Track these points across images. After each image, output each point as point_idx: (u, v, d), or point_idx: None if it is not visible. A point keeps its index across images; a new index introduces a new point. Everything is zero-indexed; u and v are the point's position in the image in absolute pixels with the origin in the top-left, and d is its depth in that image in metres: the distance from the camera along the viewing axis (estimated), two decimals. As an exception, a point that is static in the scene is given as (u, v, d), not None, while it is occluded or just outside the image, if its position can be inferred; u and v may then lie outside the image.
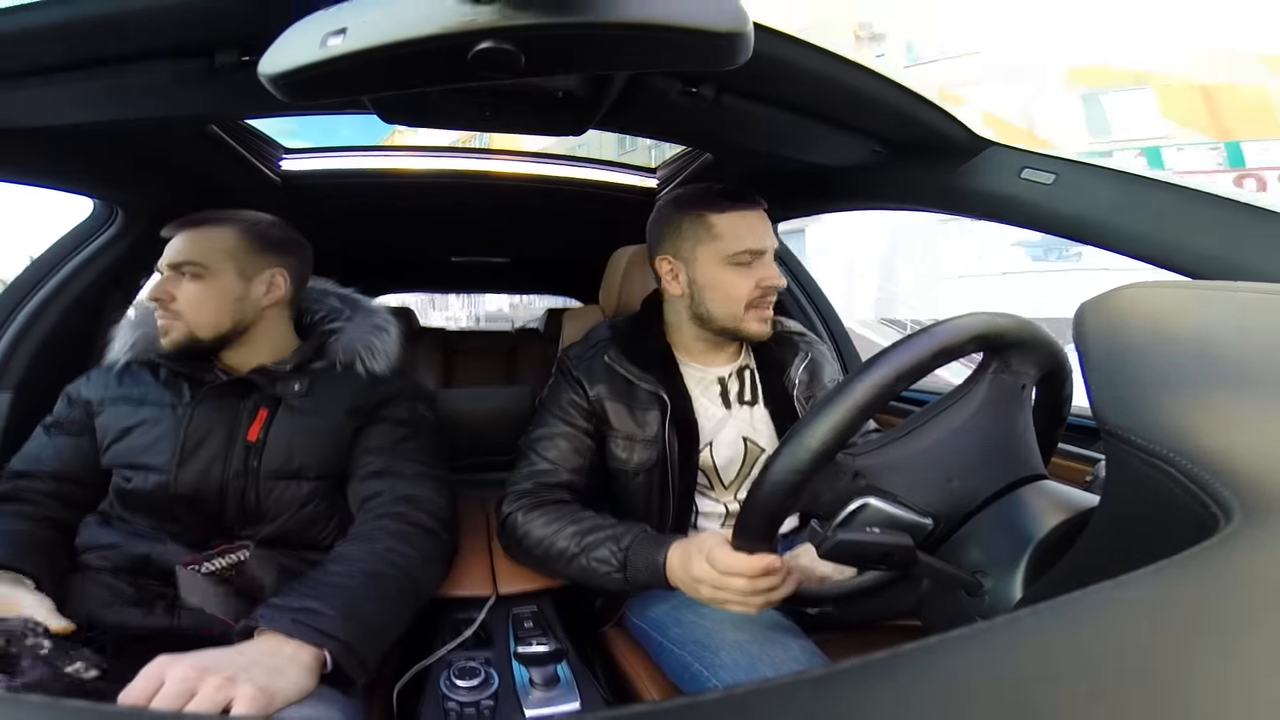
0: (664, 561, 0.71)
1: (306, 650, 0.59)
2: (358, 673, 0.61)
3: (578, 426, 0.91)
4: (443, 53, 0.40)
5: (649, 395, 0.90)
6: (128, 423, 0.82)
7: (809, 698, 0.14)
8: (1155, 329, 0.33)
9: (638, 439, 0.89)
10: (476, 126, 0.83)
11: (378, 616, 0.67)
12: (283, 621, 0.60)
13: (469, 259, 1.93)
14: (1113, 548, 0.35)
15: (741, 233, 0.88)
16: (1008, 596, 0.46)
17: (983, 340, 0.51)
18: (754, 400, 0.95)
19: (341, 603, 0.64)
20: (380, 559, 0.72)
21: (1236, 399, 0.27)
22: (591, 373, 0.92)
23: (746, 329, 0.90)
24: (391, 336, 0.97)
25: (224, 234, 0.87)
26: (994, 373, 0.54)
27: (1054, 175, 0.75)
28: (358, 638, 0.62)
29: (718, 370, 0.95)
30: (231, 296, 0.85)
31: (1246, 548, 0.19)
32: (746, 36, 0.42)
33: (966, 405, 0.54)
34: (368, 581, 0.69)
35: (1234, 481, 0.23)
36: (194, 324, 0.83)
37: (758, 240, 0.88)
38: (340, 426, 0.85)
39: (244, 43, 0.58)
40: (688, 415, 0.89)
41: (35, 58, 0.59)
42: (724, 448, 0.91)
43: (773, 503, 0.51)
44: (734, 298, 0.89)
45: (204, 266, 0.84)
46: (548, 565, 0.83)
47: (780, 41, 0.64)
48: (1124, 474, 0.30)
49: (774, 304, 0.92)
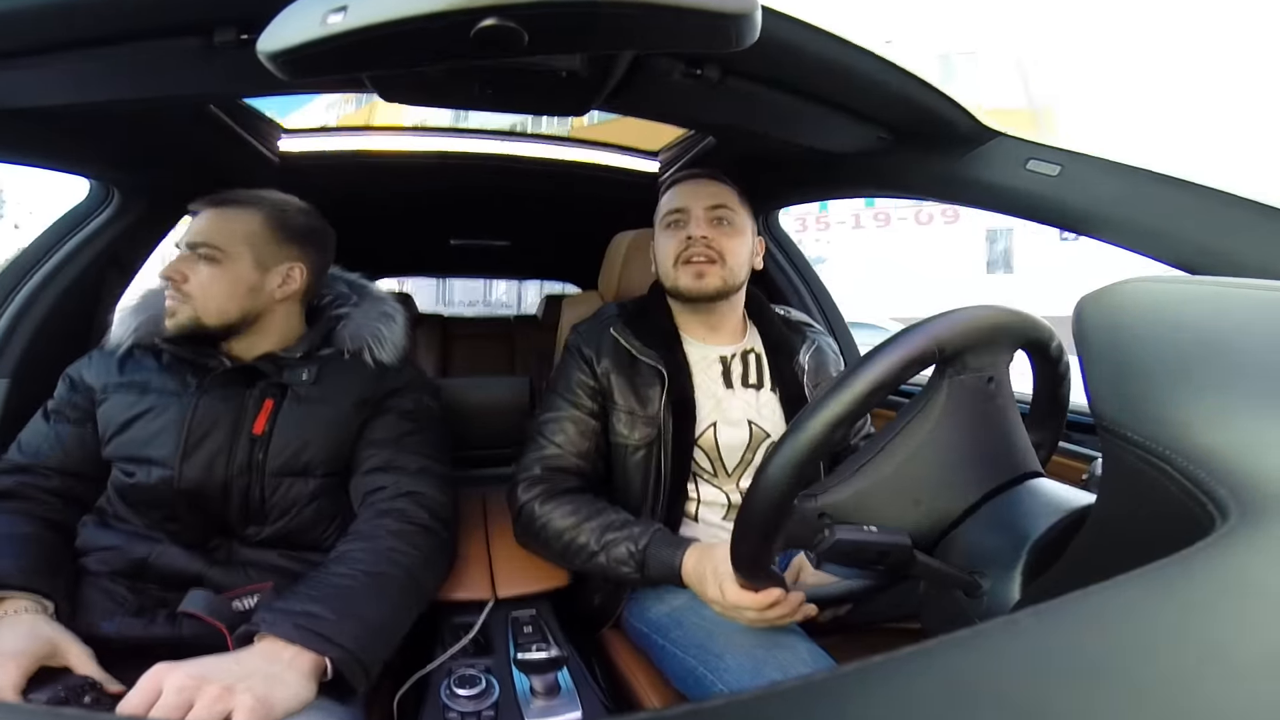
0: (679, 565, 0.76)
1: (306, 656, 0.58)
2: (359, 680, 0.60)
3: (584, 408, 0.92)
4: (444, 31, 0.39)
5: (650, 370, 0.91)
6: (131, 413, 0.79)
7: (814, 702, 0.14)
8: (1155, 325, 0.33)
9: (639, 415, 0.90)
10: (478, 105, 0.82)
11: (380, 618, 0.66)
12: (284, 626, 0.59)
13: (468, 242, 1.92)
14: (1110, 547, 0.35)
15: (672, 198, 0.97)
16: (1006, 597, 0.46)
17: (920, 361, 0.49)
18: (759, 384, 0.95)
19: (344, 606, 0.63)
20: (383, 558, 0.71)
21: (1235, 397, 0.27)
22: (599, 346, 0.94)
23: (679, 285, 0.93)
24: (399, 325, 0.95)
25: (247, 218, 0.84)
26: (949, 379, 0.51)
27: (1059, 167, 0.74)
28: (360, 643, 0.61)
29: (719, 349, 0.96)
30: (245, 285, 0.82)
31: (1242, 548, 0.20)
32: (754, 18, 0.41)
33: (924, 421, 0.52)
34: (370, 583, 0.68)
35: (1231, 481, 0.23)
36: (201, 309, 0.80)
37: (682, 200, 0.95)
38: (348, 418, 0.84)
39: (243, 20, 0.57)
40: (686, 392, 0.90)
41: (32, 37, 0.58)
42: (728, 429, 0.91)
43: (764, 524, 0.51)
44: (666, 256, 0.95)
45: (220, 250, 0.81)
46: (566, 558, 0.84)
47: (787, 24, 0.63)
48: (1121, 471, 0.30)
49: (711, 260, 0.91)
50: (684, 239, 0.92)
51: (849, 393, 0.47)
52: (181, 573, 0.74)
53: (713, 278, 0.92)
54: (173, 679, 0.51)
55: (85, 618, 0.69)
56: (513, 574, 0.90)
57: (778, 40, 0.64)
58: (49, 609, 0.65)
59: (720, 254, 0.92)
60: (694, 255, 0.91)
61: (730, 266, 0.92)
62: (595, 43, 0.48)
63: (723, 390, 0.93)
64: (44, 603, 0.65)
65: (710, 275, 0.92)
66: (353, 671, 0.59)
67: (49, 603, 0.66)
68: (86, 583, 0.73)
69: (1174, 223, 0.66)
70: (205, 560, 0.76)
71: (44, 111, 0.73)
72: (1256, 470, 0.23)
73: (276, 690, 0.54)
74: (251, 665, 0.56)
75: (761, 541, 0.53)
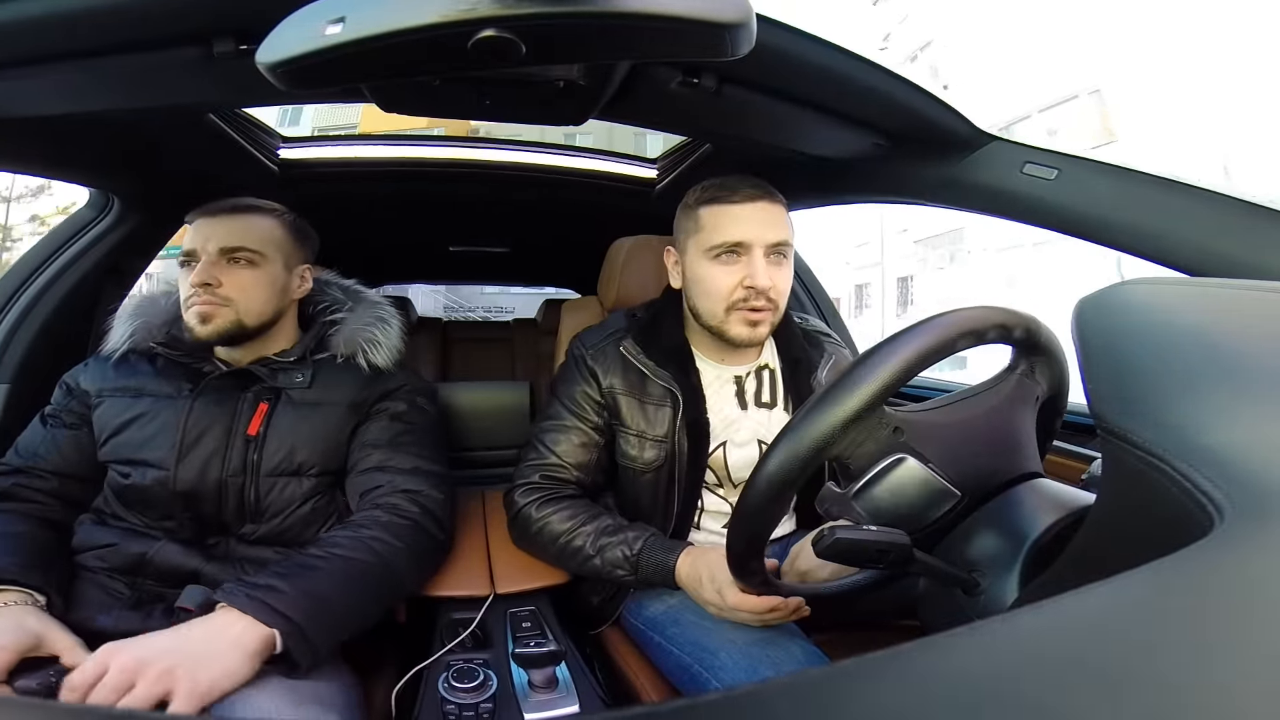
0: (673, 568, 0.76)
1: (254, 632, 0.59)
2: (304, 655, 0.61)
3: (588, 421, 0.89)
4: (443, 41, 0.40)
5: (662, 391, 0.87)
6: (126, 416, 0.81)
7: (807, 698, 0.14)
8: (1154, 326, 0.33)
9: (648, 436, 0.87)
10: (477, 115, 0.82)
11: (341, 601, 0.66)
12: (238, 598, 0.61)
13: (467, 249, 1.92)
14: (1108, 546, 0.35)
15: (724, 224, 0.81)
16: (1004, 596, 0.46)
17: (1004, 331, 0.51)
18: (772, 403, 0.91)
19: (304, 583, 0.64)
20: (361, 545, 0.72)
21: (1234, 398, 0.27)
22: (606, 362, 0.89)
23: (729, 331, 0.83)
24: (393, 329, 0.96)
25: (270, 224, 0.87)
26: (1020, 375, 0.56)
27: (1056, 170, 0.75)
28: (312, 620, 0.62)
29: (735, 369, 0.91)
30: (278, 286, 0.86)
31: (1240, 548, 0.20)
32: (749, 27, 0.41)
33: (996, 396, 0.55)
34: (341, 566, 0.69)
35: (1228, 481, 0.23)
36: (244, 311, 0.82)
37: (742, 232, 0.80)
38: (341, 420, 0.85)
39: (242, 31, 0.57)
40: (699, 415, 0.86)
41: (32, 46, 0.58)
42: (737, 449, 0.89)
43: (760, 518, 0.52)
44: (713, 295, 0.82)
45: (260, 254, 0.84)
46: (562, 561, 0.85)
47: (783, 33, 0.63)
48: (1120, 472, 0.30)
49: (768, 309, 0.82)
50: (743, 285, 0.80)
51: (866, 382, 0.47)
52: (179, 569, 0.75)
53: (765, 326, 0.83)
54: (118, 659, 0.54)
55: (83, 611, 0.70)
56: (512, 570, 0.90)
57: (774, 48, 0.64)
58: (40, 602, 0.66)
59: (777, 301, 0.82)
60: (756, 306, 0.81)
61: (781, 307, 0.84)
62: (593, 53, 0.48)
63: (736, 412, 0.89)
64: (35, 596, 0.66)
65: (764, 325, 0.83)
66: (298, 646, 0.60)
67: (40, 596, 0.67)
68: (84, 578, 0.74)
69: (1173, 225, 0.66)
70: (203, 556, 0.77)
71: (44, 120, 0.73)
72: (1255, 470, 0.23)
73: (214, 669, 0.56)
74: (196, 641, 0.57)
75: (756, 542, 0.54)
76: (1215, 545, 0.20)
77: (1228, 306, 0.34)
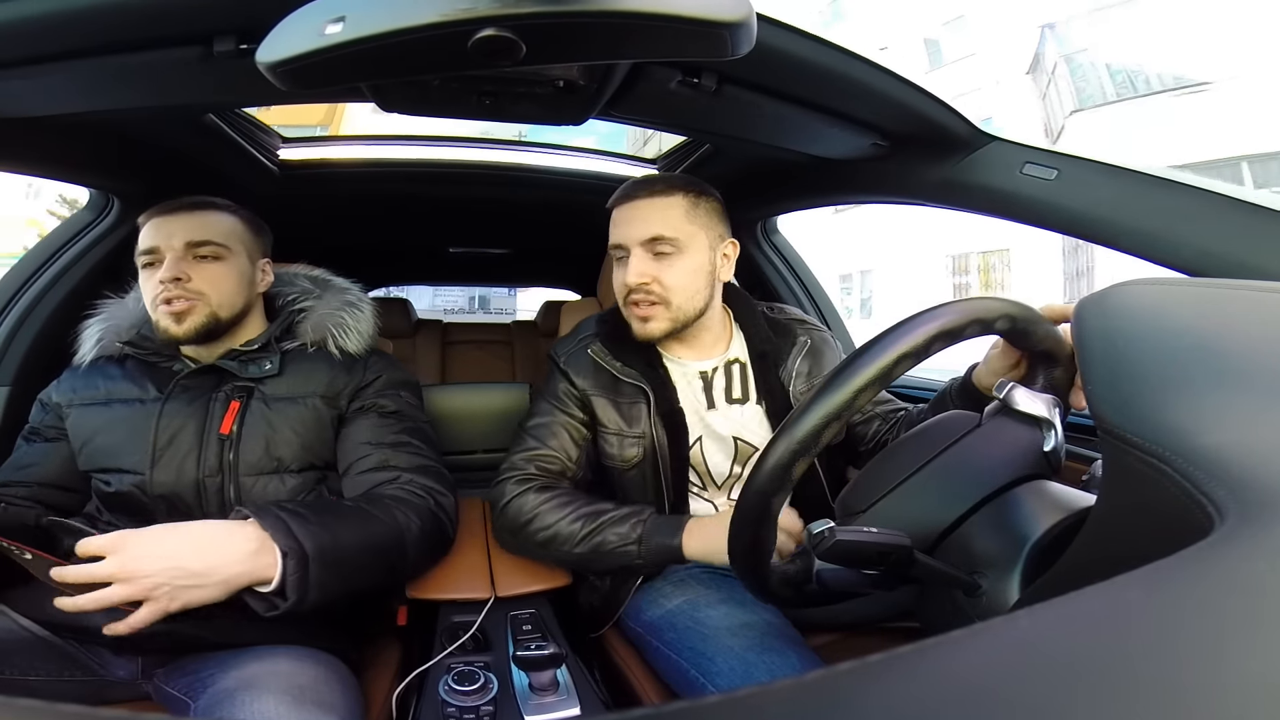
0: (679, 541, 0.77)
1: (264, 557, 0.63)
2: (293, 589, 0.63)
3: (574, 416, 0.91)
4: (443, 40, 0.40)
5: (633, 389, 0.89)
6: (96, 424, 0.81)
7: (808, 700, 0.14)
8: (1154, 326, 0.33)
9: (626, 434, 0.89)
10: (477, 115, 0.82)
11: (350, 547, 0.69)
12: (268, 517, 0.64)
13: (468, 250, 1.92)
14: (1109, 548, 0.35)
15: (612, 228, 0.88)
16: (1005, 597, 0.46)
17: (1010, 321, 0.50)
18: (744, 397, 0.92)
19: (327, 519, 0.68)
20: (384, 509, 0.75)
21: (1234, 398, 0.27)
22: (579, 367, 0.92)
23: (633, 328, 0.87)
24: (364, 314, 0.95)
25: (229, 218, 0.87)
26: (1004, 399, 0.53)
27: (1056, 171, 0.75)
28: (319, 554, 0.64)
29: (698, 365, 0.92)
30: (246, 279, 0.87)
31: (1241, 549, 0.20)
32: (749, 27, 0.41)
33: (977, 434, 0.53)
34: (361, 515, 0.72)
35: (1229, 482, 0.23)
36: (217, 304, 0.82)
37: (619, 235, 0.86)
38: (318, 412, 0.84)
39: (242, 30, 0.57)
40: (673, 406, 0.88)
41: (31, 46, 0.58)
42: (714, 446, 0.90)
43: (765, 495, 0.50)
44: (617, 295, 0.88)
45: (225, 247, 0.84)
46: (552, 548, 0.83)
47: (783, 33, 0.63)
48: (1120, 473, 0.30)
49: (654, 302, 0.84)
50: (623, 283, 0.85)
51: (859, 376, 0.46)
52: None
53: (659, 321, 0.85)
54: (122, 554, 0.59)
55: (81, 614, 0.70)
56: (512, 573, 0.90)
57: (773, 48, 0.64)
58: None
59: (664, 296, 0.84)
60: (636, 300, 0.85)
61: (678, 304, 0.85)
62: (592, 52, 0.48)
63: (705, 410, 0.90)
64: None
65: (656, 319, 0.85)
66: (293, 577, 0.63)
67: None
68: None
69: (1173, 226, 0.66)
70: None
71: (44, 120, 0.73)
72: (1255, 471, 0.23)
73: (192, 598, 0.61)
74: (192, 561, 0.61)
75: (757, 532, 0.52)
76: (1216, 545, 0.20)
77: (1228, 307, 0.34)
